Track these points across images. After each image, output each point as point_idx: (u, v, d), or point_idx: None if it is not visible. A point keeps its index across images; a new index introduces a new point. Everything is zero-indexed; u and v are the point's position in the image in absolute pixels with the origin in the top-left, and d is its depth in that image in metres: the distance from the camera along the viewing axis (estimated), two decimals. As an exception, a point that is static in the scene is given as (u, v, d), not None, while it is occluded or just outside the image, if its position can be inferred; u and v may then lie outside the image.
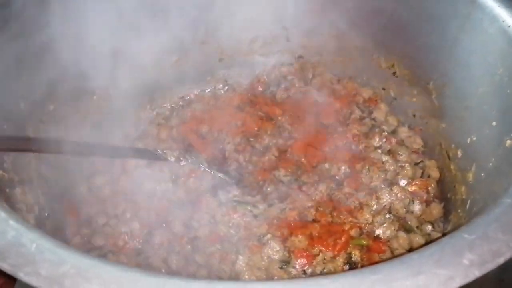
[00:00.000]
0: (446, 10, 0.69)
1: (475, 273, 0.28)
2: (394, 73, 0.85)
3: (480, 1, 0.62)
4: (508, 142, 0.51)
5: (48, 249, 0.31)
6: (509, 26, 0.56)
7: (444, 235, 0.67)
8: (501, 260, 0.29)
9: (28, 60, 0.62)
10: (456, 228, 0.46)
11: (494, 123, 0.58)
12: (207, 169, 0.77)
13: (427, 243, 0.66)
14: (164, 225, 0.74)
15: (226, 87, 1.00)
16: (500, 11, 0.59)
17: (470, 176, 0.64)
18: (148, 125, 0.92)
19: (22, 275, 0.29)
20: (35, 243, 0.31)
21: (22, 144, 0.52)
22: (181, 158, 0.72)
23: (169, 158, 0.71)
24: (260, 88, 0.98)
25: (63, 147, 0.57)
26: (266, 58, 0.98)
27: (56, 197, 0.70)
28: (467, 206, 0.62)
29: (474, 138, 0.65)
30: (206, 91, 1.00)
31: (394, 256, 0.66)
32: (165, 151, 0.71)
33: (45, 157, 0.66)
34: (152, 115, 0.94)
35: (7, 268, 0.29)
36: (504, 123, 0.55)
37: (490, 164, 0.56)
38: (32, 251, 0.30)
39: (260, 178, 0.77)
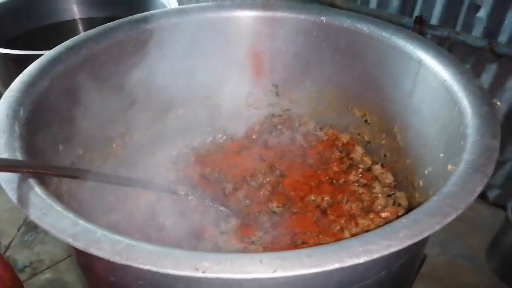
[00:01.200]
0: (401, 68, 0.85)
1: (407, 242, 0.41)
2: (366, 121, 1.00)
3: (424, 62, 0.78)
4: (449, 167, 0.65)
5: (108, 235, 0.43)
6: (445, 80, 0.72)
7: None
8: (425, 234, 0.42)
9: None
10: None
11: (441, 155, 0.72)
12: (210, 203, 0.89)
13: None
14: (172, 253, 0.85)
15: (225, 136, 1.15)
16: (439, 69, 0.75)
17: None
18: (157, 169, 1.05)
19: (92, 250, 0.41)
20: (98, 232, 0.43)
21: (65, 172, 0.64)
22: (189, 193, 0.85)
23: (180, 192, 0.83)
24: (254, 137, 1.13)
25: (94, 177, 0.70)
26: (259, 111, 1.14)
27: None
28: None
29: (430, 169, 0.78)
30: (207, 140, 1.15)
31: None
32: (176, 187, 0.84)
33: (74, 194, 0.79)
34: (160, 160, 1.08)
35: (81, 246, 0.41)
36: (447, 154, 0.69)
37: (440, 185, 0.70)
38: (98, 236, 0.42)
39: (256, 210, 0.89)
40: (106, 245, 0.41)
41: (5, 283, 0.70)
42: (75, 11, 1.48)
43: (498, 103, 1.29)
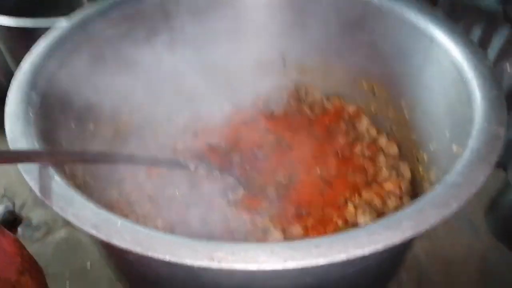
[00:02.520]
0: (413, 45, 0.84)
1: (410, 232, 0.44)
2: (373, 93, 1.01)
3: (436, 39, 0.77)
4: (454, 147, 0.66)
5: (128, 225, 0.46)
6: (456, 59, 0.72)
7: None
8: (427, 225, 0.45)
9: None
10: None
11: (447, 134, 0.73)
12: (219, 175, 0.92)
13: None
14: (183, 223, 0.89)
15: (231, 105, 1.16)
16: (450, 47, 0.74)
17: (432, 175, 0.79)
18: (166, 139, 1.07)
19: (114, 241, 0.44)
20: (119, 221, 0.46)
21: (76, 156, 0.66)
22: (198, 166, 0.87)
23: (191, 167, 0.86)
24: (260, 105, 1.14)
25: (108, 158, 0.72)
26: (266, 80, 1.12)
27: (96, 201, 0.84)
28: (430, 200, 0.78)
29: (435, 145, 0.80)
30: (214, 108, 1.15)
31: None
32: (186, 161, 0.86)
33: (88, 168, 0.82)
34: (168, 130, 1.10)
35: (103, 237, 0.44)
36: (453, 133, 0.70)
37: (444, 165, 0.72)
38: (118, 226, 0.45)
39: (262, 181, 0.92)
40: (127, 236, 0.44)
41: (15, 259, 0.72)
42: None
43: (508, 68, 1.28)
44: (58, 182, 0.50)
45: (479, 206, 1.24)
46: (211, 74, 1.09)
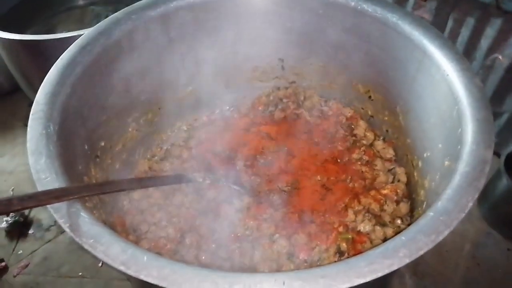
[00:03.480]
0: (406, 55, 0.87)
1: (406, 260, 0.49)
2: (370, 97, 1.04)
3: (429, 52, 0.81)
4: (446, 163, 0.71)
5: (153, 259, 0.51)
6: (448, 75, 0.76)
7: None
8: (421, 252, 0.50)
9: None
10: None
11: (440, 146, 0.78)
12: (225, 183, 0.97)
13: (397, 233, 0.87)
14: (192, 229, 0.93)
15: (232, 108, 1.20)
16: (443, 62, 0.77)
17: (426, 183, 0.83)
18: (171, 146, 1.11)
19: (142, 277, 0.49)
20: (145, 256, 0.51)
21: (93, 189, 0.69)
22: (205, 178, 0.92)
23: (199, 179, 0.90)
24: (260, 108, 1.18)
25: (118, 186, 0.76)
26: (265, 84, 1.17)
27: (109, 213, 0.89)
28: (424, 205, 0.82)
29: (429, 154, 0.84)
30: (215, 112, 1.19)
31: (372, 246, 0.87)
32: (194, 174, 0.91)
33: (101, 178, 0.86)
34: (172, 137, 1.13)
35: (132, 273, 0.49)
36: (445, 148, 0.74)
37: (437, 176, 0.76)
38: (145, 261, 0.50)
39: (266, 188, 0.97)
40: (153, 271, 0.49)
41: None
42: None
43: (500, 58, 1.31)
44: (85, 219, 0.54)
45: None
46: (211, 80, 1.12)
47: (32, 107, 0.68)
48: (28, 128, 0.65)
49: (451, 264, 1.19)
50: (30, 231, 1.33)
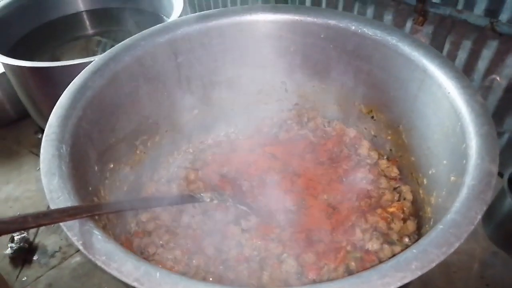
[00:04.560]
0: (407, 75, 0.90)
1: (418, 273, 0.49)
2: (372, 117, 1.06)
3: (429, 71, 0.83)
4: (452, 178, 0.72)
5: (166, 275, 0.51)
6: (449, 93, 0.78)
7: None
8: (433, 264, 0.50)
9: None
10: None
11: (444, 162, 0.79)
12: (231, 204, 0.97)
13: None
14: (200, 250, 0.93)
15: (237, 131, 1.22)
16: (443, 81, 0.79)
17: (432, 200, 0.84)
18: (177, 168, 1.12)
19: (156, 293, 0.49)
20: (158, 272, 0.51)
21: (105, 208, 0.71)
22: (213, 198, 0.93)
23: (206, 199, 0.91)
24: (265, 130, 1.19)
25: (129, 205, 0.77)
26: (269, 106, 1.20)
27: (117, 235, 0.90)
28: (431, 222, 0.83)
29: (434, 171, 0.86)
30: (221, 135, 1.21)
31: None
32: (201, 195, 0.91)
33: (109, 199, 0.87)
34: (178, 159, 1.15)
35: (146, 289, 0.49)
36: (450, 163, 0.76)
37: (443, 192, 0.77)
38: (158, 277, 0.51)
39: (273, 208, 0.97)
40: (167, 287, 0.49)
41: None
42: (80, 4, 1.49)
43: (498, 79, 1.34)
44: (98, 237, 0.55)
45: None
46: (217, 103, 1.15)
47: (45, 129, 0.70)
48: (42, 150, 0.66)
49: (460, 285, 1.17)
50: (35, 258, 1.32)
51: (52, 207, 0.58)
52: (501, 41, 1.21)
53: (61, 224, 0.56)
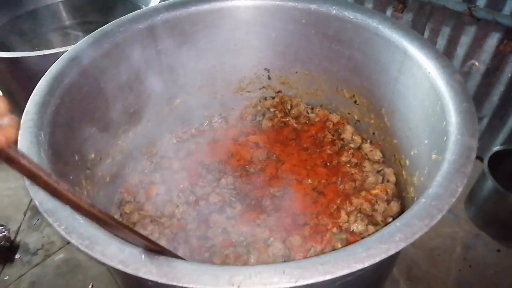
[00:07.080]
0: (388, 57, 0.91)
1: (402, 244, 0.50)
2: (355, 101, 1.07)
3: (409, 52, 0.84)
4: (434, 156, 0.73)
5: (151, 257, 0.51)
6: (429, 73, 0.79)
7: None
8: (416, 236, 0.51)
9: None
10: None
11: (426, 141, 0.80)
12: (216, 192, 0.97)
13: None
14: (185, 239, 0.92)
15: (220, 120, 1.21)
16: (423, 61, 0.80)
17: (415, 180, 0.85)
18: (160, 158, 1.11)
19: (141, 274, 0.48)
20: (143, 254, 0.50)
21: None
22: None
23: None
24: (248, 119, 1.19)
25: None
26: (252, 94, 1.19)
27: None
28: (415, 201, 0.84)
29: (416, 151, 0.87)
30: (204, 124, 1.20)
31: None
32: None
33: (92, 196, 0.85)
34: (162, 149, 1.13)
35: (131, 271, 0.48)
36: (431, 142, 0.77)
37: (425, 171, 0.78)
38: (143, 259, 0.50)
39: (258, 195, 0.97)
40: (152, 268, 0.48)
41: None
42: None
43: (476, 64, 1.36)
44: (80, 221, 0.54)
45: (460, 196, 1.32)
46: (199, 91, 1.14)
47: (22, 117, 0.68)
48: (19, 137, 0.64)
49: (444, 267, 1.20)
50: (17, 256, 1.29)
51: (32, 195, 0.57)
52: (478, 27, 1.23)
53: (42, 211, 0.54)
